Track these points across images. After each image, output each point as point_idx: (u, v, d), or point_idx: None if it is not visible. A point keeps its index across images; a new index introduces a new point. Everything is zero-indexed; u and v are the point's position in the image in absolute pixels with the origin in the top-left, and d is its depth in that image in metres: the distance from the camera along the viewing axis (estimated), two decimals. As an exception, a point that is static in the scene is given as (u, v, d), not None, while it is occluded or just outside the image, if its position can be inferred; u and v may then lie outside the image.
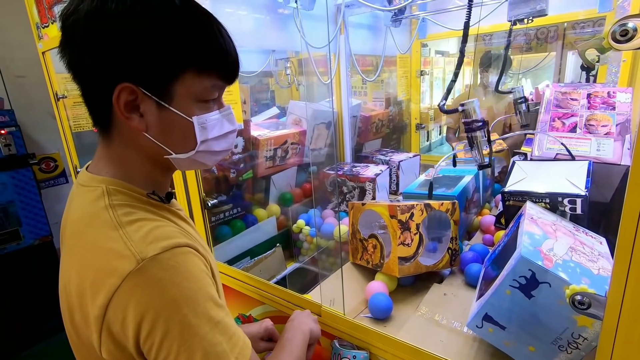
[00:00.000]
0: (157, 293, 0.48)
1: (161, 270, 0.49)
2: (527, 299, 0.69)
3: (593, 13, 1.56)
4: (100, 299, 0.49)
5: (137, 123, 0.54)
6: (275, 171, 1.61)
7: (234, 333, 0.54)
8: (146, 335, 0.48)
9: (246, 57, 1.79)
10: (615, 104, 1.21)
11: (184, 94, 0.55)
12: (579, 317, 0.64)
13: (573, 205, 0.96)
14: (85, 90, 0.56)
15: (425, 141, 3.90)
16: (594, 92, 1.26)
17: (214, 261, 0.68)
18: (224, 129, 0.60)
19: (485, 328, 0.76)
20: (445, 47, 4.90)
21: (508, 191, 1.05)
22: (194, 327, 0.49)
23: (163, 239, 0.51)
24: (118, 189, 0.56)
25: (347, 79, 1.84)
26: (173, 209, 0.64)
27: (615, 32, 0.42)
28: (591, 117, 1.24)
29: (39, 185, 2.41)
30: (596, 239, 0.90)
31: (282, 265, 1.51)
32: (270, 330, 0.93)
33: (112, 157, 0.59)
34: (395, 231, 0.99)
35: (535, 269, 0.68)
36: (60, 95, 1.74)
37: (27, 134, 2.45)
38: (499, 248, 0.95)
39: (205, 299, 0.52)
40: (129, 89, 0.52)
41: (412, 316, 0.95)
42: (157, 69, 0.53)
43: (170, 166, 0.62)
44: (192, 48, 0.54)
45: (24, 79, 2.48)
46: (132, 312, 0.48)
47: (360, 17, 1.86)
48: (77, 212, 0.57)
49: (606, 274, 0.72)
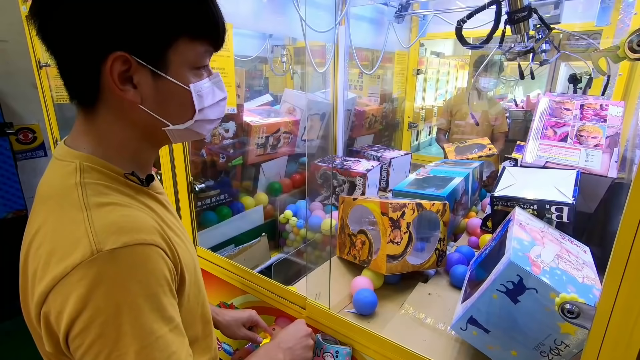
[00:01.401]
0: (102, 293, 0.44)
1: (114, 268, 0.45)
2: (513, 303, 0.69)
3: (590, 26, 1.58)
4: (43, 285, 0.46)
5: (131, 95, 0.51)
6: (266, 159, 1.58)
7: (173, 352, 0.49)
8: (77, 333, 0.45)
9: (242, 41, 1.74)
10: (606, 117, 1.23)
11: (178, 62, 0.53)
12: (563, 324, 0.65)
13: (560, 213, 0.97)
14: (66, 61, 0.51)
15: (414, 140, 3.92)
16: (587, 103, 1.28)
17: (193, 250, 0.65)
18: (216, 97, 0.59)
19: (469, 331, 0.76)
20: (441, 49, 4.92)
21: (498, 196, 1.06)
22: (130, 338, 0.45)
23: (127, 232, 0.47)
24: (93, 166, 0.52)
25: (345, 71, 1.81)
26: (152, 193, 0.60)
27: (633, 42, 0.42)
28: (582, 128, 1.26)
29: (15, 157, 2.31)
30: (580, 248, 0.92)
31: (266, 255, 1.49)
32: (254, 319, 0.92)
33: (92, 132, 0.55)
34: (385, 228, 0.99)
35: (523, 274, 0.68)
36: (44, 64, 1.66)
37: (6, 103, 2.34)
38: (486, 252, 0.96)
39: (152, 310, 0.47)
40: (122, 58, 0.49)
41: (396, 314, 0.95)
42: (151, 35, 0.50)
43: (161, 141, 0.59)
44: (186, 13, 0.51)
45: (5, 44, 2.35)
46: (72, 305, 0.44)
47: (363, 9, 1.84)
48: (46, 185, 0.53)
49: (590, 282, 0.73)
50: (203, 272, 1.23)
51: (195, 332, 0.63)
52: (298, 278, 1.12)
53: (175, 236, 0.57)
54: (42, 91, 1.67)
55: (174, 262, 0.53)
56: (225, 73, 1.21)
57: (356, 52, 1.67)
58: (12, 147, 2.28)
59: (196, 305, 0.63)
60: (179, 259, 0.55)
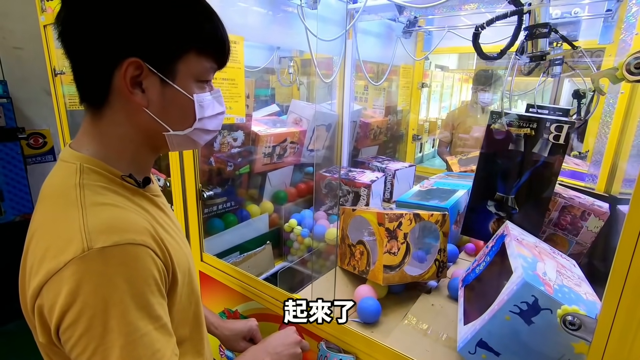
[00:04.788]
0: (90, 288, 0.47)
1: (103, 265, 0.47)
2: (527, 325, 0.67)
3: (593, 44, 1.60)
4: (38, 279, 0.48)
5: (139, 98, 0.55)
6: (272, 168, 1.61)
7: (157, 350, 0.51)
8: (67, 326, 0.47)
9: (250, 52, 1.78)
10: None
11: (185, 73, 0.57)
12: (577, 344, 0.63)
13: (558, 133, 0.97)
14: (82, 64, 0.55)
15: (418, 152, 3.94)
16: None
17: (188, 251, 0.67)
18: (215, 110, 0.64)
19: (478, 354, 0.73)
20: (445, 62, 4.97)
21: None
22: (116, 334, 0.47)
23: (119, 231, 0.50)
24: (93, 167, 0.56)
25: (351, 83, 1.84)
26: (148, 195, 0.63)
27: (630, 64, 0.44)
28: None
29: (25, 161, 2.35)
30: (569, 262, 0.91)
31: (270, 263, 1.50)
32: (253, 331, 0.93)
33: (96, 134, 0.58)
34: (382, 239, 1.00)
35: (538, 294, 0.66)
36: (59, 71, 1.71)
37: (19, 108, 2.39)
38: (481, 268, 0.95)
39: (139, 308, 0.49)
40: (136, 64, 0.53)
41: (399, 324, 0.95)
42: (165, 45, 0.54)
43: (160, 146, 0.62)
44: (197, 29, 0.56)
45: (21, 51, 2.42)
46: (62, 298, 0.46)
47: (371, 25, 1.88)
48: (49, 186, 0.57)
49: (593, 298, 0.73)
50: (209, 278, 1.25)
51: (186, 331, 0.65)
52: (302, 286, 1.13)
53: (170, 237, 0.60)
54: (56, 98, 1.71)
55: (164, 263, 0.55)
56: (236, 84, 1.25)
57: (363, 65, 1.70)
58: (23, 151, 2.32)
59: (188, 305, 0.64)
60: (170, 260, 0.57)
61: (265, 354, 0.77)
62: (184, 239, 0.68)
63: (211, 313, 0.92)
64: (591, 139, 1.49)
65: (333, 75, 1.68)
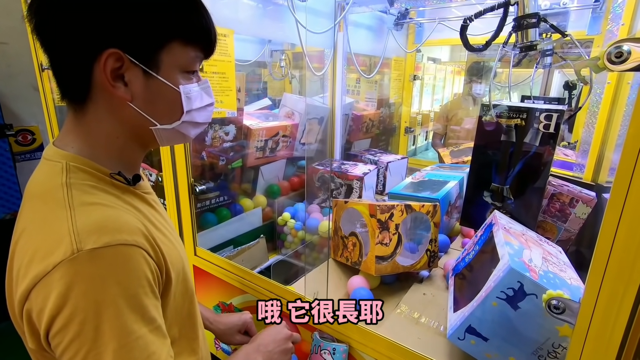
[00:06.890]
0: (81, 291, 0.45)
1: (94, 267, 0.46)
2: (513, 310, 0.69)
3: (582, 35, 1.62)
4: (25, 283, 0.46)
5: (122, 92, 0.53)
6: (265, 162, 1.61)
7: (152, 352, 0.49)
8: (57, 330, 0.45)
9: (241, 46, 1.77)
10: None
11: (170, 64, 0.55)
12: (561, 327, 0.65)
13: (548, 122, 1.00)
14: (59, 58, 0.53)
15: (411, 145, 3.96)
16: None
17: (181, 247, 0.66)
18: (204, 101, 0.61)
19: (467, 340, 0.75)
20: (437, 54, 4.97)
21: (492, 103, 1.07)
22: (108, 337, 0.46)
23: (110, 232, 0.48)
24: (79, 166, 0.53)
25: (343, 76, 1.84)
26: (139, 192, 0.61)
27: (611, 54, 0.45)
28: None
29: (14, 158, 2.32)
30: (556, 249, 0.93)
31: (264, 257, 1.51)
32: (248, 324, 0.94)
33: (80, 131, 0.56)
34: (374, 230, 1.01)
35: (523, 280, 0.67)
36: (45, 66, 1.68)
37: (6, 104, 2.34)
38: (470, 257, 0.97)
39: (133, 310, 0.48)
40: (116, 56, 0.50)
41: (392, 313, 0.97)
42: (146, 35, 0.52)
43: (148, 141, 0.60)
44: (181, 18, 0.54)
45: (7, 47, 2.37)
46: (52, 303, 0.45)
47: (362, 17, 1.87)
48: (33, 185, 0.55)
49: (577, 283, 0.75)
50: (202, 272, 1.26)
51: (180, 329, 0.63)
52: (296, 278, 1.14)
53: (162, 236, 0.58)
54: (44, 93, 1.68)
55: (157, 263, 0.53)
56: (226, 77, 1.24)
57: (354, 57, 1.70)
58: (12, 148, 2.29)
59: (182, 303, 0.63)
60: (164, 259, 0.55)
61: (257, 353, 0.76)
62: (177, 236, 0.67)
63: (205, 308, 0.92)
64: (580, 129, 1.51)
65: (324, 68, 1.68)
